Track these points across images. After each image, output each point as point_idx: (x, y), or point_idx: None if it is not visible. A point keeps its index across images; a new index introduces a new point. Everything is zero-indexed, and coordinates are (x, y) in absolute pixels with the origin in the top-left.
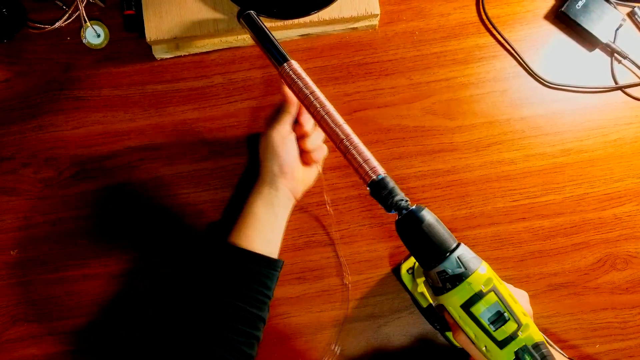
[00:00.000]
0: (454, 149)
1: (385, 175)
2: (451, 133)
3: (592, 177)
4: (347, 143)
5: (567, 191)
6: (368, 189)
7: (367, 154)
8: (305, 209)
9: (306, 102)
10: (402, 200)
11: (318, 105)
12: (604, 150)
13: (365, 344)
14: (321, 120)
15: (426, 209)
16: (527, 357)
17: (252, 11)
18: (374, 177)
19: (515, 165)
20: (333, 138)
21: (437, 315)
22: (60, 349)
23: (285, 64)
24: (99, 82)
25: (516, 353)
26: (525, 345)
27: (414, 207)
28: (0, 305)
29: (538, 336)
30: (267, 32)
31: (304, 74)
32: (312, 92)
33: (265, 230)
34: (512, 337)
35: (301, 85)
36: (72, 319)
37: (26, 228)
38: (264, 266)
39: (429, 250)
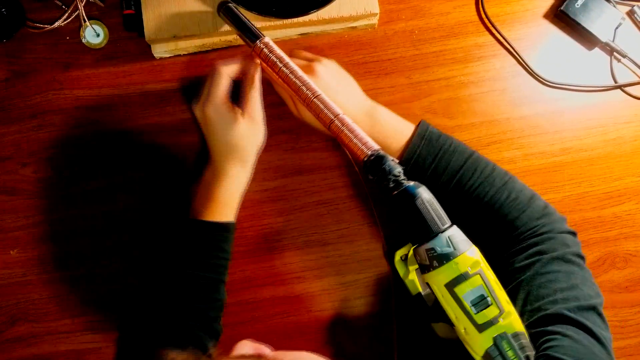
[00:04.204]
0: None
1: (380, 150)
2: (450, 132)
3: (591, 175)
4: (338, 122)
5: (566, 190)
6: (362, 165)
7: (359, 131)
8: (305, 208)
9: (294, 87)
10: (400, 175)
11: (305, 89)
12: (604, 149)
13: (365, 343)
14: (310, 104)
15: (423, 186)
16: (505, 344)
17: (230, 3)
18: (369, 153)
19: (515, 164)
20: (324, 120)
21: (425, 305)
22: (60, 349)
23: (266, 51)
24: (99, 81)
25: (495, 339)
26: (505, 333)
27: (411, 183)
28: (0, 305)
29: (519, 326)
30: (246, 20)
31: (287, 58)
32: (299, 77)
33: (219, 198)
34: (492, 322)
35: (287, 72)
36: (72, 319)
37: (26, 228)
38: (219, 231)
39: (420, 226)
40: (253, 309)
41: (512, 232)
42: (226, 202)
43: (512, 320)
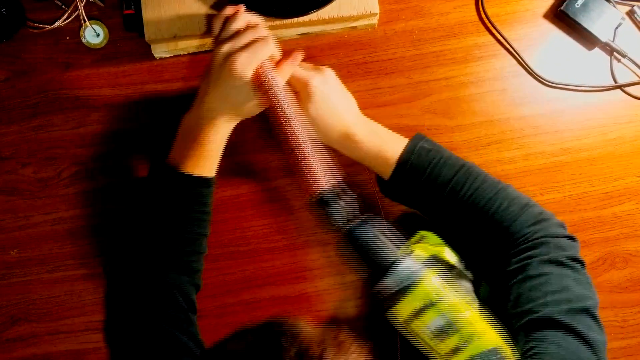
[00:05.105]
0: (453, 148)
1: (329, 190)
2: (450, 132)
3: (591, 175)
4: (298, 152)
5: (566, 190)
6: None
7: (315, 163)
8: (305, 208)
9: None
10: (340, 217)
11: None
12: (604, 149)
13: (366, 344)
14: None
15: (370, 222)
16: None
17: None
18: (314, 193)
19: (515, 164)
20: (290, 143)
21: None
22: (60, 349)
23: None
24: (99, 81)
25: (472, 358)
26: (479, 354)
27: (354, 223)
28: (0, 305)
29: (494, 341)
30: None
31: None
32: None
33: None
34: (459, 349)
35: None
36: (72, 319)
37: (26, 228)
38: (205, 186)
39: (370, 268)
40: (253, 309)
41: (507, 239)
42: (215, 155)
43: (484, 340)
